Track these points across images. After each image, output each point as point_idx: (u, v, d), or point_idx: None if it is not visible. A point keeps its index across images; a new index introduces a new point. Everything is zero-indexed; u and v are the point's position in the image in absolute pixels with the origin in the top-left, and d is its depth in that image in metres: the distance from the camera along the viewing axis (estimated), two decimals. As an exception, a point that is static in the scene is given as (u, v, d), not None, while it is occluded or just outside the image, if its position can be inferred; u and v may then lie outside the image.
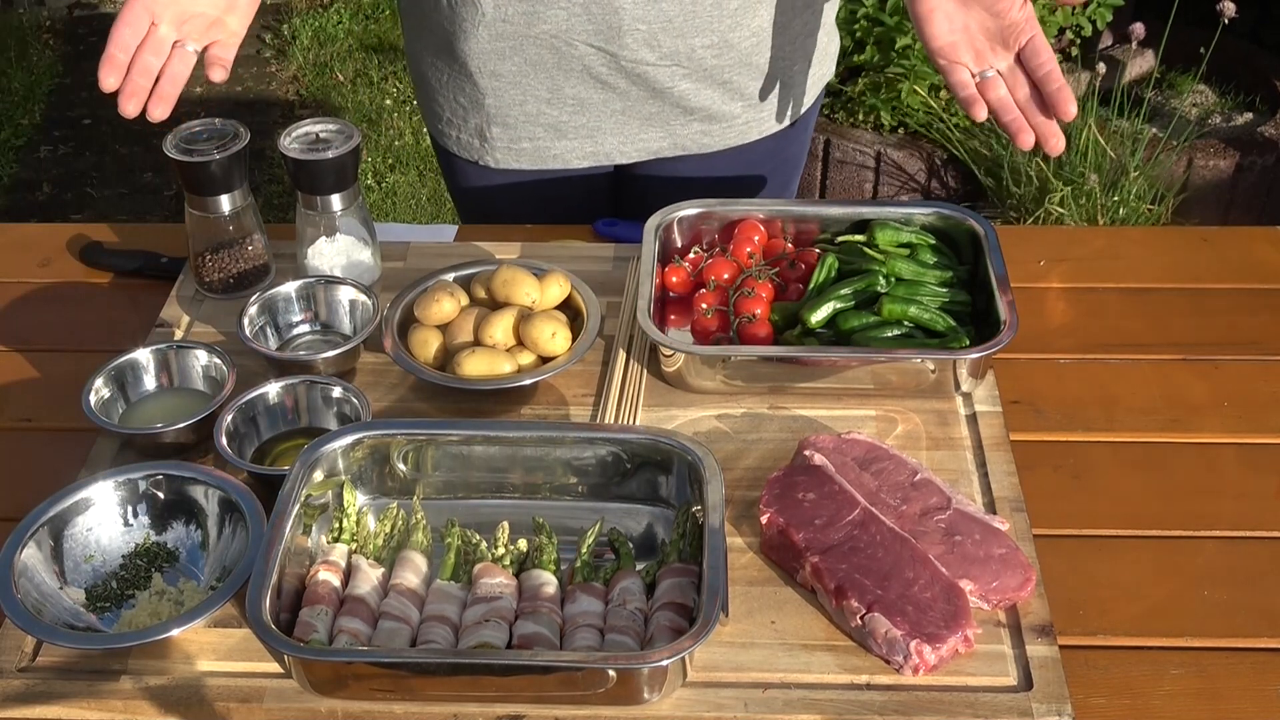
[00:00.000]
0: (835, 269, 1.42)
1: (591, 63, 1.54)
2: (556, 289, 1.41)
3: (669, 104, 1.59)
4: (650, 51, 1.52)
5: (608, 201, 1.78)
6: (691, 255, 1.49)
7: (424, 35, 1.62)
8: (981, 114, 1.33)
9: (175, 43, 1.28)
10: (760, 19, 1.55)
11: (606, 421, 1.32)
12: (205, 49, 1.30)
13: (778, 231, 1.50)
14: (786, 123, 1.68)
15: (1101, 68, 3.23)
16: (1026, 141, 1.32)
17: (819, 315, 1.36)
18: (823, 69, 1.71)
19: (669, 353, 1.34)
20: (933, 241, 1.45)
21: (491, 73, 1.57)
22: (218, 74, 1.29)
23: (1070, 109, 1.30)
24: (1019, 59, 1.33)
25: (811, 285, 1.41)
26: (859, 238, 1.45)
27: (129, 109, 1.26)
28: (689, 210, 1.49)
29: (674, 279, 1.46)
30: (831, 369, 1.33)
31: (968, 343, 1.34)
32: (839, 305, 1.38)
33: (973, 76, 1.34)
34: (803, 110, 1.70)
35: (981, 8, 1.32)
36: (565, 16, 1.49)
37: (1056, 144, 1.32)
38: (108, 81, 1.25)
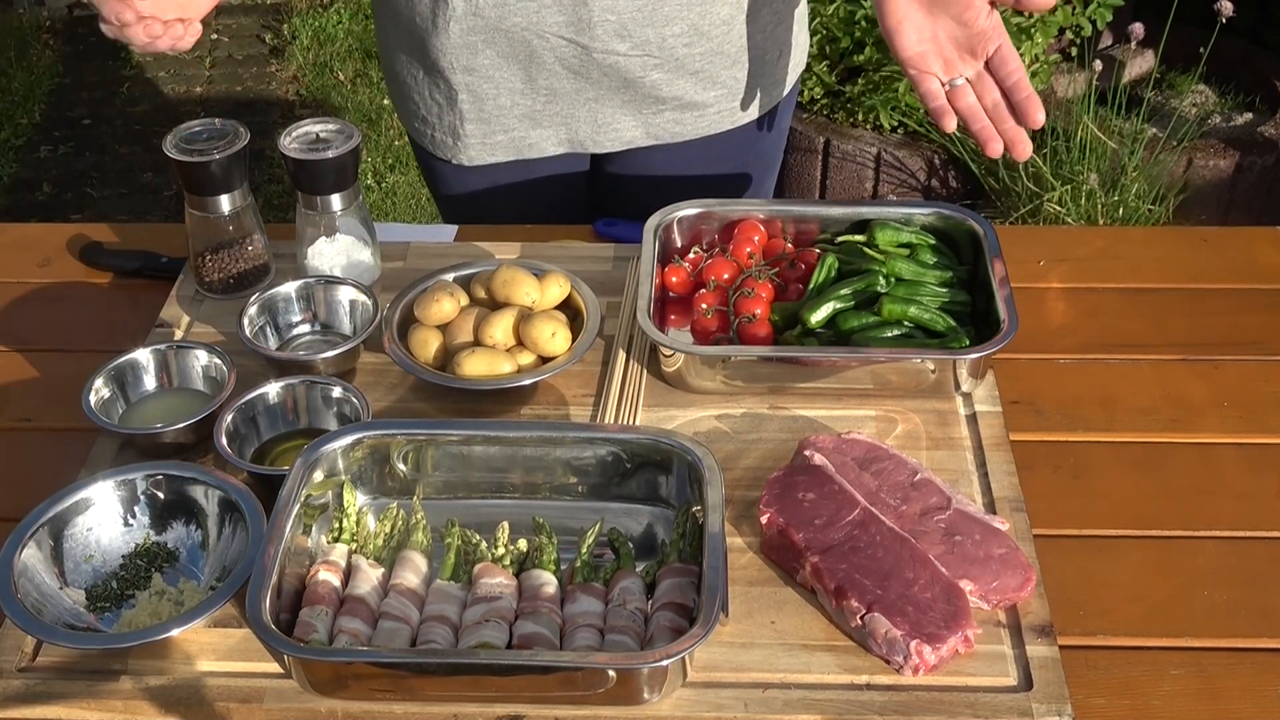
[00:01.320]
0: (835, 269, 1.42)
1: (564, 54, 1.54)
2: (556, 289, 1.41)
3: (642, 93, 1.60)
4: (621, 42, 1.53)
5: (585, 200, 1.79)
6: (691, 255, 1.49)
7: (396, 34, 1.63)
8: (951, 125, 1.35)
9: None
10: (730, 6, 1.56)
11: (606, 421, 1.32)
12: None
13: (778, 231, 1.50)
14: (761, 112, 1.69)
15: (1099, 67, 3.23)
16: (995, 150, 1.34)
17: (819, 315, 1.36)
18: (795, 58, 1.72)
19: (669, 353, 1.34)
20: (933, 241, 1.45)
21: (464, 68, 1.57)
22: (193, 30, 1.31)
23: (1038, 117, 1.33)
24: (988, 67, 1.35)
25: (811, 285, 1.41)
26: (859, 238, 1.45)
27: (145, 34, 1.27)
28: (689, 210, 1.49)
29: (674, 279, 1.46)
30: (831, 369, 1.33)
31: (968, 343, 1.34)
32: (839, 305, 1.38)
33: (942, 85, 1.36)
34: (777, 100, 1.71)
35: (949, 17, 1.33)
36: (535, 9, 1.50)
37: (1024, 150, 1.34)
38: (121, 16, 1.26)
